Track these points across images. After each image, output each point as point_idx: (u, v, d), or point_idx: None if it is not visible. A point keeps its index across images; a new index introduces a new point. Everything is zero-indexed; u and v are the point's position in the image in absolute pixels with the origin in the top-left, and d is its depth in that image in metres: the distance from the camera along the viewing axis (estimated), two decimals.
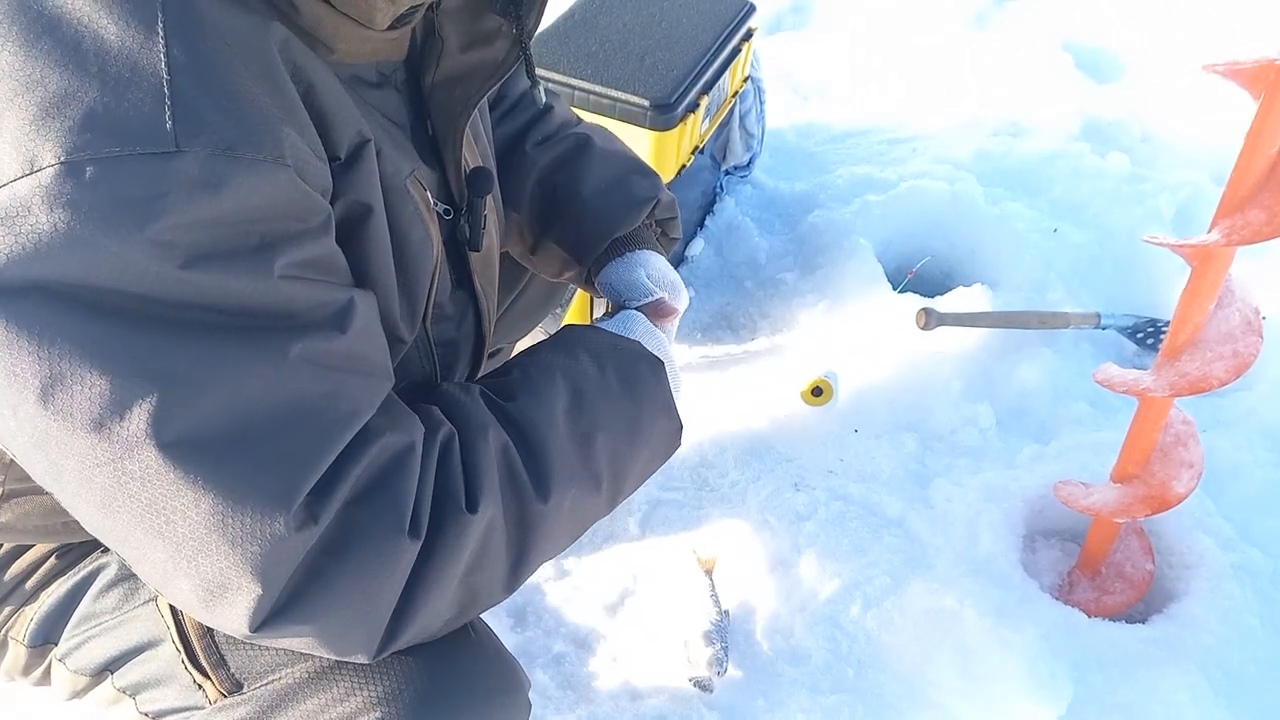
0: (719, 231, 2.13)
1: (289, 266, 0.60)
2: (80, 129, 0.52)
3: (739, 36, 1.77)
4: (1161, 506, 1.27)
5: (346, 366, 0.65)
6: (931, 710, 1.37)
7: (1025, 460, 1.67)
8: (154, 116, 0.54)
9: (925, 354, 1.82)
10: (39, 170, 0.52)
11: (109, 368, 0.55)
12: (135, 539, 0.61)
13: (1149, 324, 1.91)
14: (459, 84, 0.83)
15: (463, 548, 0.71)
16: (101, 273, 0.54)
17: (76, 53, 0.53)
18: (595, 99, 1.55)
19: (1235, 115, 1.13)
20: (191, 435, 0.58)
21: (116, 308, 0.55)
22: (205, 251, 0.56)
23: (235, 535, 0.60)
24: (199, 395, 0.58)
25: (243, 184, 0.56)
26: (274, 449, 0.61)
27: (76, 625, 0.89)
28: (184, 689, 0.82)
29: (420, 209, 0.79)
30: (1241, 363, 1.15)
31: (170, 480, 0.58)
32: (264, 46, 0.61)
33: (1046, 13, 2.99)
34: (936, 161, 2.30)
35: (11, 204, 0.52)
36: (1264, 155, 1.02)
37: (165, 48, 0.55)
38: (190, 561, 0.61)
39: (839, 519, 1.59)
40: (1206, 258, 1.12)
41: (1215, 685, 1.37)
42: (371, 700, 0.75)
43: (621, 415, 0.87)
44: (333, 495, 0.63)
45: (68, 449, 0.57)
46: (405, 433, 0.70)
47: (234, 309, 0.58)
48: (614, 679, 1.42)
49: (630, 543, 1.59)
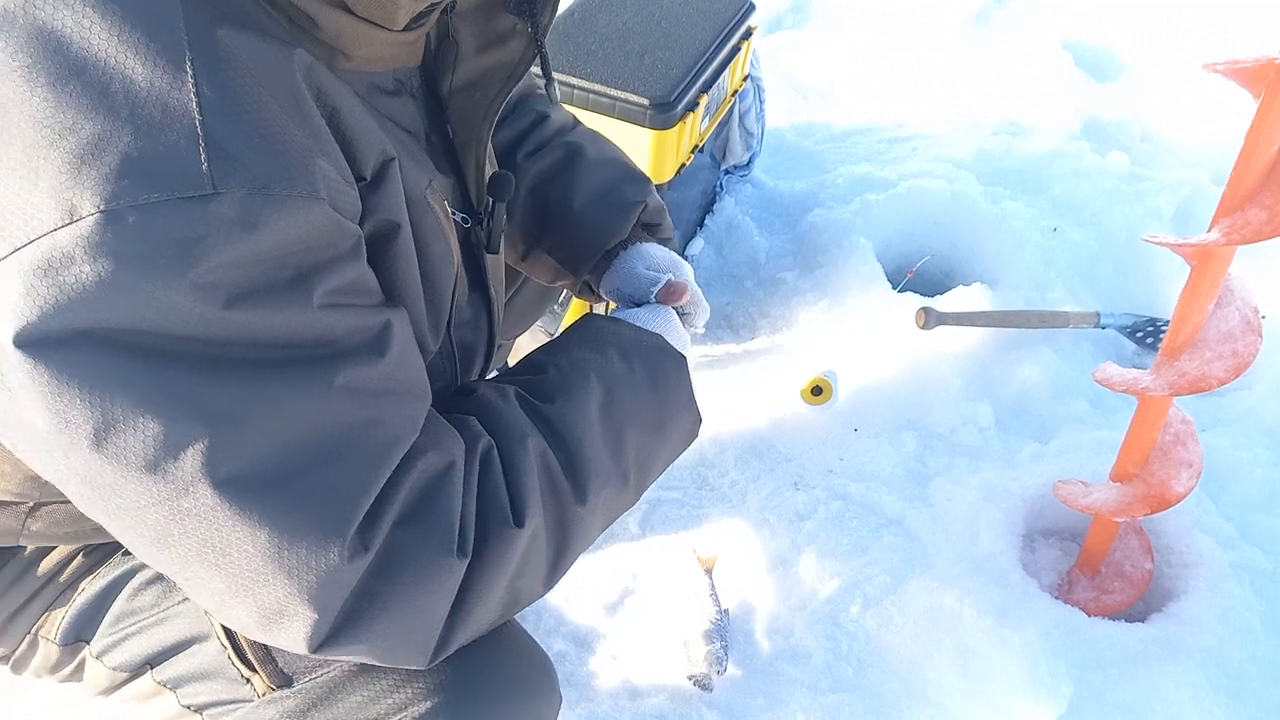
0: (719, 231, 2.13)
1: (326, 294, 0.61)
2: (117, 176, 0.52)
3: (738, 35, 1.77)
4: (1161, 506, 1.27)
5: (388, 391, 0.66)
6: (931, 709, 1.37)
7: (1025, 459, 1.67)
8: (189, 159, 0.54)
9: (925, 353, 1.82)
10: (79, 220, 0.52)
11: (160, 411, 0.56)
12: (190, 570, 0.63)
13: (1148, 323, 1.91)
14: (478, 88, 0.83)
15: (509, 560, 0.73)
16: (147, 318, 0.54)
17: (106, 96, 0.53)
18: (595, 98, 1.54)
19: (1235, 114, 1.13)
20: (244, 472, 0.59)
21: (163, 351, 0.56)
22: (245, 290, 0.56)
23: (291, 567, 0.62)
24: (249, 433, 0.59)
25: (279, 220, 0.57)
26: (325, 481, 0.62)
27: (113, 623, 0.90)
28: (230, 683, 0.84)
29: (440, 219, 0.79)
30: (1241, 362, 1.15)
31: (226, 517, 0.59)
32: (289, 75, 0.61)
33: (1046, 12, 2.99)
34: (936, 161, 2.30)
35: (53, 254, 0.52)
36: (1264, 154, 1.02)
37: (195, 86, 0.54)
38: (247, 591, 0.63)
39: (839, 518, 1.59)
40: (1206, 257, 1.12)
41: (1215, 684, 1.37)
42: (420, 692, 0.78)
43: (648, 412, 0.89)
44: (382, 521, 0.65)
45: (122, 490, 0.59)
46: (446, 452, 0.71)
47: (277, 343, 0.59)
48: (614, 678, 1.42)
49: (630, 542, 1.59)
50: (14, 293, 0.52)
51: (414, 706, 0.77)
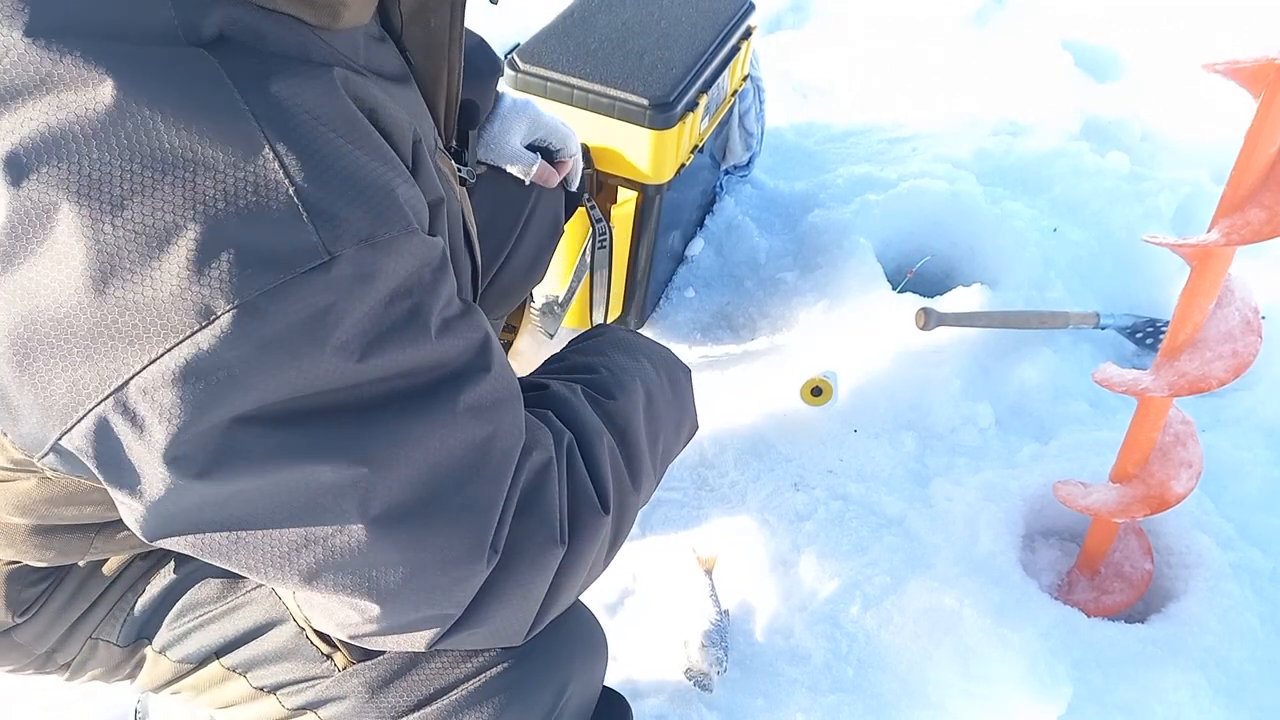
0: (719, 231, 2.13)
1: (436, 317, 0.63)
2: (240, 268, 0.52)
3: (738, 35, 1.77)
4: (1160, 506, 1.27)
5: (498, 401, 0.69)
6: (931, 710, 1.37)
7: (1025, 460, 1.67)
8: (298, 233, 0.54)
9: (925, 353, 1.82)
10: (215, 319, 0.52)
11: (312, 465, 0.59)
12: (333, 597, 0.66)
13: (1148, 324, 1.91)
14: (430, 12, 0.79)
15: (597, 543, 0.79)
16: (295, 388, 0.56)
17: (197, 191, 0.53)
18: (594, 97, 1.54)
19: (1235, 114, 1.13)
20: (393, 506, 0.62)
21: (311, 410, 0.58)
22: (373, 338, 0.58)
23: (437, 585, 0.67)
24: (393, 470, 0.62)
25: (388, 264, 0.58)
26: (461, 501, 0.66)
27: (177, 618, 0.93)
28: (308, 661, 0.88)
29: (451, 181, 0.80)
30: (1241, 362, 1.15)
31: (378, 548, 0.63)
32: (340, 102, 0.60)
33: (1046, 11, 2.99)
34: (936, 160, 2.30)
35: (197, 357, 0.53)
36: (1264, 154, 1.02)
37: (275, 157, 0.54)
38: (394, 609, 0.67)
39: (839, 518, 1.59)
40: (1206, 257, 1.12)
41: (1215, 684, 1.37)
42: (495, 656, 0.84)
43: (673, 417, 0.98)
44: (506, 524, 0.70)
45: (276, 542, 0.62)
46: (545, 448, 0.76)
47: (404, 374, 0.61)
48: (614, 678, 1.42)
49: (630, 542, 1.59)
50: (165, 401, 0.53)
51: (491, 669, 0.84)
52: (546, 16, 1.68)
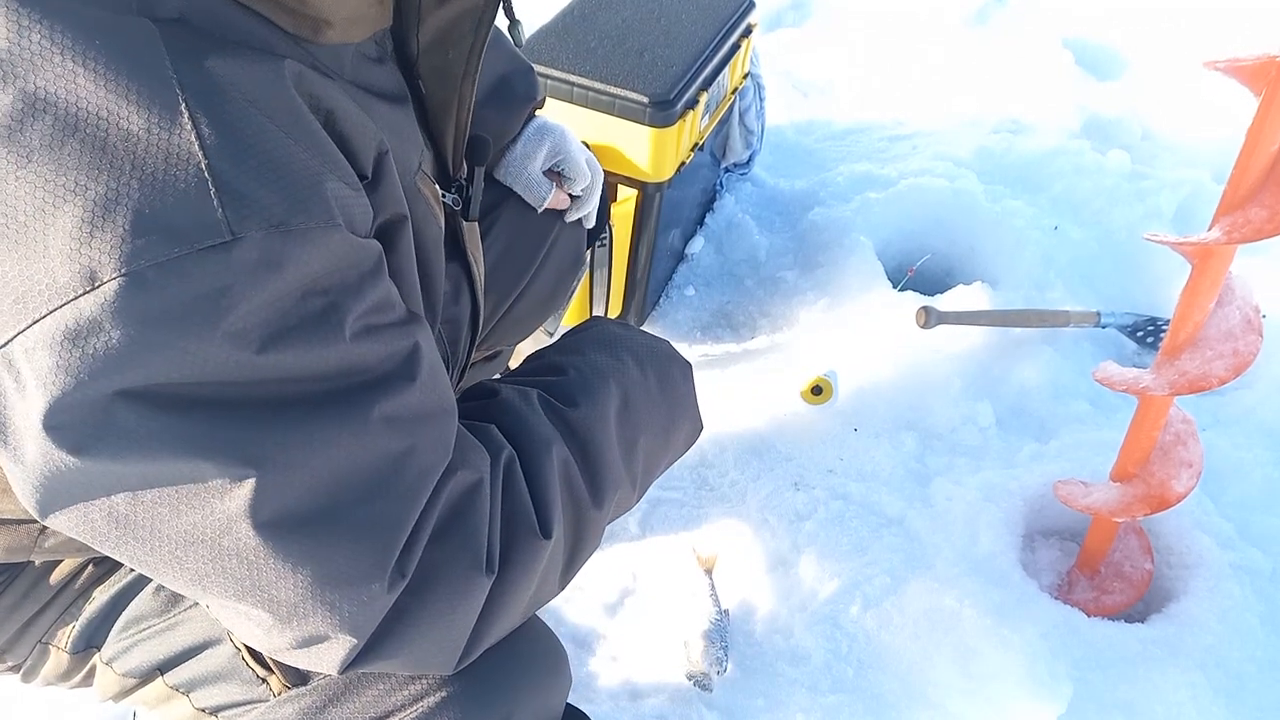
0: (719, 229, 2.12)
1: (356, 320, 0.60)
2: (133, 235, 0.50)
3: (738, 33, 1.77)
4: (1161, 506, 1.27)
5: (422, 415, 0.66)
6: (931, 710, 1.37)
7: (1025, 459, 1.67)
8: (202, 207, 0.51)
9: (925, 352, 1.82)
10: (100, 285, 0.50)
11: (201, 459, 0.56)
12: (228, 605, 0.63)
13: (1149, 322, 1.90)
14: (449, 42, 0.78)
15: (535, 570, 0.75)
16: (183, 371, 0.53)
17: (106, 152, 0.51)
18: (594, 95, 1.54)
19: (1236, 113, 1.13)
20: (286, 513, 0.59)
21: (201, 399, 0.55)
22: (277, 330, 0.55)
23: (333, 601, 0.62)
24: (290, 473, 0.58)
25: (301, 255, 0.55)
26: (364, 516, 0.62)
27: (123, 630, 0.90)
28: (245, 684, 0.84)
29: (430, 203, 0.78)
30: (1241, 361, 1.14)
31: (267, 556, 0.59)
32: (284, 92, 0.58)
33: (1047, 10, 2.99)
34: (937, 159, 2.30)
35: (78, 322, 0.50)
36: (1265, 152, 1.01)
37: (194, 128, 0.52)
38: (285, 624, 0.63)
39: (838, 518, 1.59)
40: (1207, 256, 1.12)
41: (1215, 684, 1.37)
42: (435, 682, 0.78)
43: (659, 419, 0.91)
44: (416, 546, 0.66)
45: (160, 534, 0.59)
46: (474, 469, 0.71)
47: (313, 377, 0.58)
48: (614, 678, 1.42)
49: (630, 542, 1.59)
50: (43, 365, 0.51)
51: (429, 697, 0.78)
52: (547, 14, 1.68)
